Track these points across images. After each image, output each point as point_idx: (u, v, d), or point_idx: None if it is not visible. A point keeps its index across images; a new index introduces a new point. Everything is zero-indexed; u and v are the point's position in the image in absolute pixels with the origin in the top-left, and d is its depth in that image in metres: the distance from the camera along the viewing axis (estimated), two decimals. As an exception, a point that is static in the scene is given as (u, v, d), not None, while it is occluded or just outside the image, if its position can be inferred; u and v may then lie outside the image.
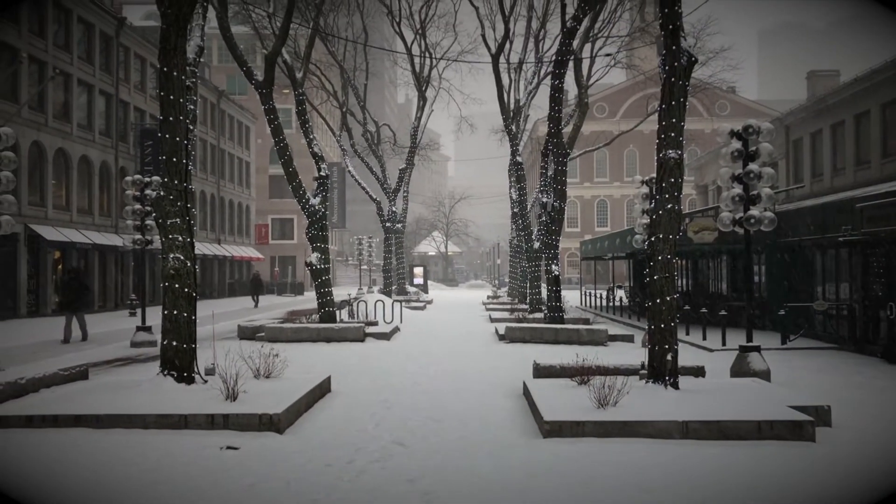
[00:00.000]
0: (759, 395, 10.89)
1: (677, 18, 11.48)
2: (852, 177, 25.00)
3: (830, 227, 19.55)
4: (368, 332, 21.97)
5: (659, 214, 11.38)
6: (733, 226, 13.65)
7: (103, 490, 7.26)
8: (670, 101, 11.41)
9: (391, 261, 44.00)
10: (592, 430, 9.30)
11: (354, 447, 8.98)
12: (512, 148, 34.07)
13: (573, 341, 20.43)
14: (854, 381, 14.22)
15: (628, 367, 12.72)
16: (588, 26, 28.46)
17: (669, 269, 11.33)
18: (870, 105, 24.01)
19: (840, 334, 19.59)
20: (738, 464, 8.16)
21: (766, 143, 13.50)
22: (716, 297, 28.26)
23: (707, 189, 44.97)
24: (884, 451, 8.80)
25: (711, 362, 15.01)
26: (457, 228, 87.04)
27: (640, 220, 19.60)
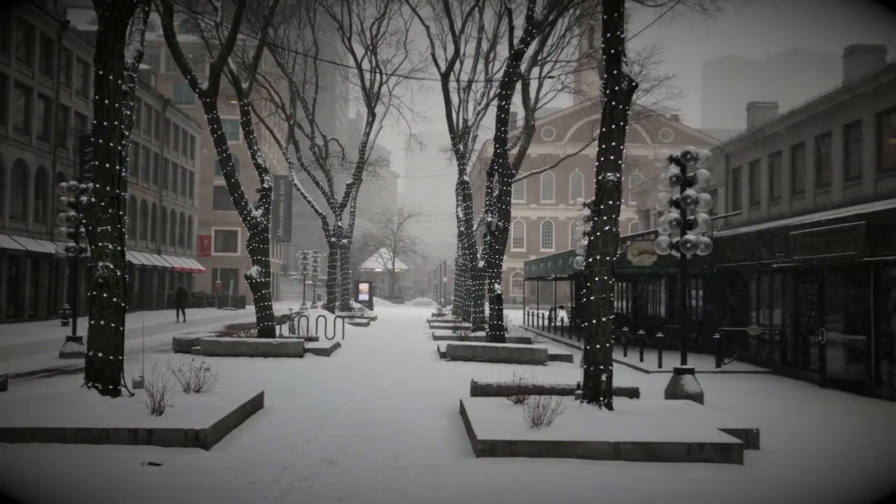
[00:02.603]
0: (690, 417, 11.02)
1: (619, 44, 11.66)
2: (788, 205, 25.73)
3: (765, 253, 20.05)
4: (308, 347, 21.64)
5: (597, 236, 11.48)
6: (670, 249, 13.86)
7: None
8: (610, 124, 11.56)
9: (336, 276, 43.60)
10: (525, 449, 9.26)
11: (283, 465, 8.76)
12: (459, 167, 34.17)
13: (513, 360, 20.45)
14: (784, 404, 14.51)
15: (564, 386, 12.76)
16: (536, 50, 28.81)
17: (606, 290, 11.42)
18: (805, 137, 24.80)
19: (772, 358, 20.03)
20: (667, 486, 8.20)
21: (704, 169, 13.78)
22: (654, 319, 28.69)
23: (649, 214, 45.82)
24: (809, 475, 8.94)
25: (647, 384, 15.17)
26: (404, 245, 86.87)
27: (581, 242, 19.79)
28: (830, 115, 23.23)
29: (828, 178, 23.39)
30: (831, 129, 23.17)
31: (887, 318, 15.59)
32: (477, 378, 13.84)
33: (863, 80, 21.59)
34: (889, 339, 15.52)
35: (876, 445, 10.78)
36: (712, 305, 24.21)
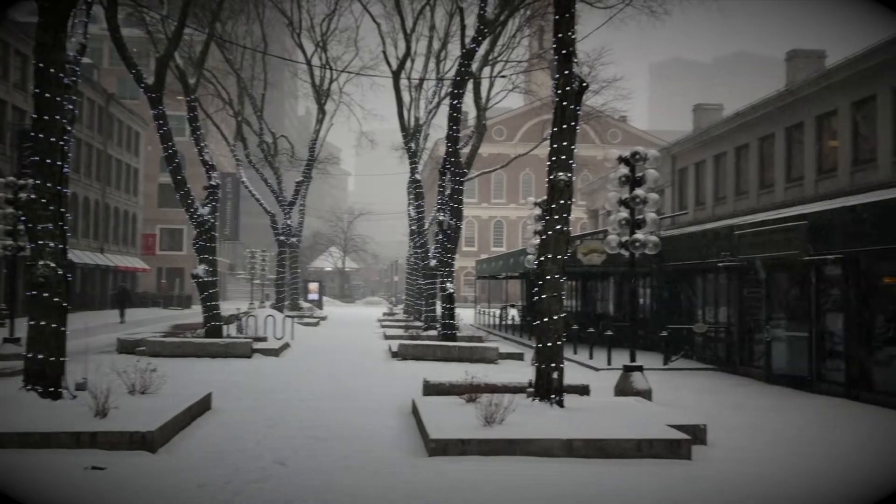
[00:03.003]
0: (640, 414, 11.17)
1: (570, 44, 11.75)
2: (732, 205, 26.29)
3: (711, 252, 20.46)
4: (256, 347, 21.34)
5: (548, 235, 11.56)
6: (620, 248, 14.03)
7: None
8: (562, 124, 11.65)
9: (285, 275, 43.11)
10: (477, 448, 9.27)
11: (232, 467, 8.61)
12: (411, 165, 34.11)
13: (465, 359, 20.48)
14: (730, 400, 14.83)
15: (516, 384, 12.82)
16: (488, 49, 28.91)
17: (557, 288, 11.50)
18: (749, 139, 25.36)
19: (718, 355, 20.45)
20: (618, 482, 8.29)
21: (652, 169, 13.98)
22: (603, 317, 29.06)
23: (597, 213, 46.39)
24: (755, 468, 9.14)
25: (597, 381, 15.34)
26: (355, 244, 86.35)
27: (532, 241, 19.93)
28: (773, 118, 23.79)
29: (771, 178, 23.97)
30: (774, 132, 23.73)
31: (828, 316, 16.04)
32: (429, 377, 13.82)
33: (804, 84, 22.16)
34: (829, 336, 15.98)
35: (817, 440, 11.07)
36: (660, 303, 24.63)
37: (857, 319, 14.97)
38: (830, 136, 21.17)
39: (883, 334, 14.72)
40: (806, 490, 8.23)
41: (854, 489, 8.32)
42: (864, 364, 14.83)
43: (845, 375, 15.13)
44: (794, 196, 22.12)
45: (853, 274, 15.07)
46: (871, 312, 14.88)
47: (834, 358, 15.79)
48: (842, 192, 19.13)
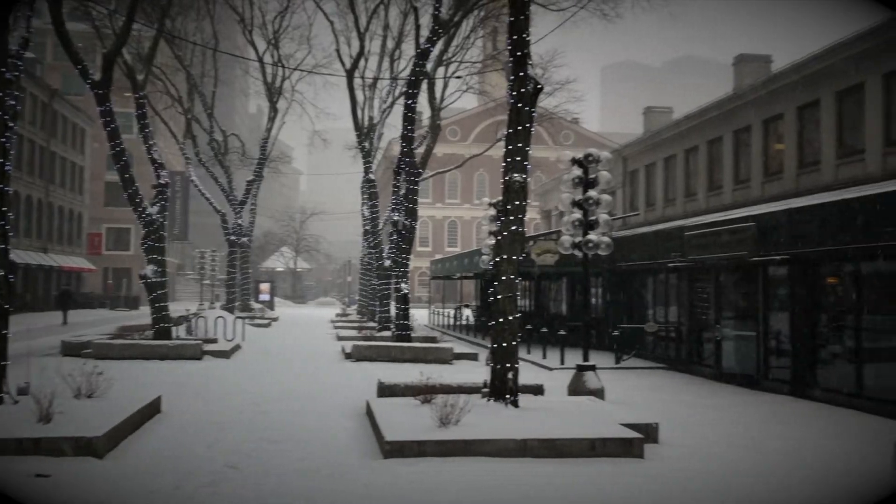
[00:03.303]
0: (593, 413, 11.27)
1: (525, 46, 11.80)
2: (682, 207, 26.75)
3: (661, 253, 20.78)
4: (207, 349, 20.99)
5: (504, 236, 11.59)
6: (573, 249, 14.15)
7: None
8: (517, 125, 11.69)
9: (235, 276, 42.50)
10: (434, 449, 9.24)
11: (183, 472, 8.42)
12: (365, 165, 33.93)
13: (420, 359, 20.44)
14: (681, 398, 15.07)
15: (471, 385, 12.83)
16: (442, 49, 28.91)
17: (513, 289, 11.55)
18: (698, 141, 25.83)
19: (669, 354, 20.78)
20: (573, 481, 8.34)
21: (605, 171, 14.13)
22: (556, 317, 29.30)
23: (550, 214, 46.78)
24: (706, 466, 9.29)
25: (550, 380, 15.44)
26: (307, 244, 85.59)
27: (487, 241, 20.00)
28: (721, 121, 24.27)
29: (719, 180, 24.44)
30: (722, 135, 24.21)
31: (775, 315, 16.42)
32: (383, 378, 13.74)
33: (751, 88, 22.65)
34: (776, 336, 16.36)
35: (766, 436, 11.31)
36: (612, 303, 24.93)
37: (802, 319, 15.34)
38: (777, 139, 21.68)
39: (826, 333, 15.12)
40: (756, 486, 8.39)
41: (804, 485, 8.51)
42: (809, 362, 15.21)
43: (791, 373, 15.50)
44: (742, 198, 22.59)
45: (798, 274, 15.44)
46: (815, 312, 15.27)
47: (780, 356, 16.17)
48: (788, 194, 19.60)
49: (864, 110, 17.79)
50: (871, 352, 13.75)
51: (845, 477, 8.86)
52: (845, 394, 13.94)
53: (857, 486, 8.40)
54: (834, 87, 18.88)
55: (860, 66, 17.90)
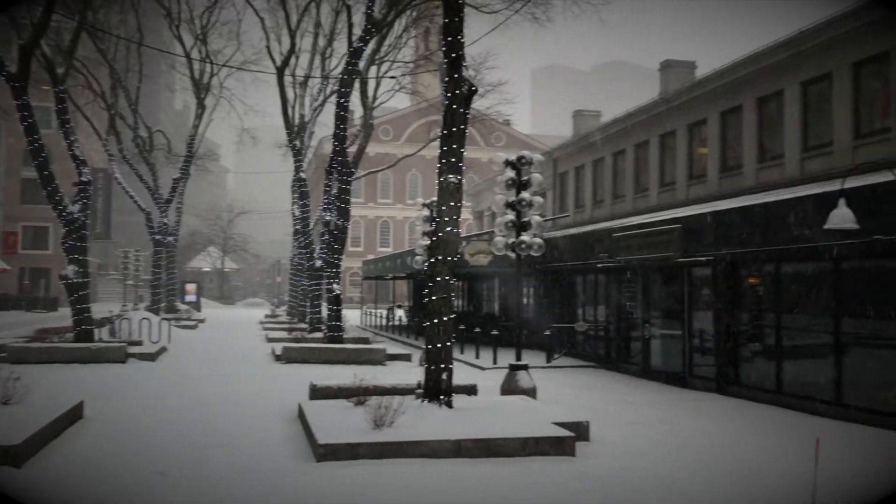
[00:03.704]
0: (526, 412, 11.39)
1: (459, 48, 11.83)
2: (610, 208, 27.32)
3: (591, 254, 21.16)
4: (131, 352, 20.39)
5: (439, 237, 11.60)
6: (506, 250, 14.27)
7: None
8: (451, 127, 11.72)
9: (161, 276, 41.37)
10: (368, 451, 9.18)
11: (107, 480, 8.15)
12: (296, 164, 33.49)
13: (352, 361, 20.30)
14: (610, 396, 15.37)
15: (405, 386, 12.80)
16: (374, 49, 28.76)
17: (447, 290, 11.57)
18: (625, 145, 26.42)
19: (598, 353, 21.17)
20: (506, 481, 8.41)
21: (537, 173, 14.30)
22: (489, 317, 29.52)
23: (483, 215, 47.11)
24: (635, 463, 9.49)
25: (484, 380, 15.54)
26: (235, 244, 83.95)
27: (421, 242, 19.98)
28: (648, 125, 24.89)
29: (646, 183, 25.05)
30: (649, 138, 24.83)
31: (699, 315, 16.91)
32: (315, 380, 13.58)
33: (676, 94, 23.30)
34: (701, 334, 16.85)
35: (692, 433, 11.63)
36: (544, 303, 25.26)
37: (725, 318, 15.84)
38: (700, 143, 22.35)
39: (748, 332, 15.66)
40: (682, 483, 8.61)
41: (728, 481, 8.77)
42: (732, 360, 15.71)
43: (715, 371, 15.99)
44: (668, 200, 23.21)
45: (722, 275, 15.94)
46: (737, 311, 15.79)
47: (705, 355, 16.66)
48: (711, 196, 20.23)
49: (783, 116, 18.51)
50: (790, 350, 14.30)
51: (769, 472, 9.17)
52: (766, 390, 14.46)
53: (781, 481, 8.70)
54: (755, 93, 19.57)
55: (779, 74, 18.61)
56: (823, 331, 13.37)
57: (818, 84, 17.50)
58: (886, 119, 15.46)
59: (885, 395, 11.87)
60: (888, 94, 15.44)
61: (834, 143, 16.76)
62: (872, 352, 12.54)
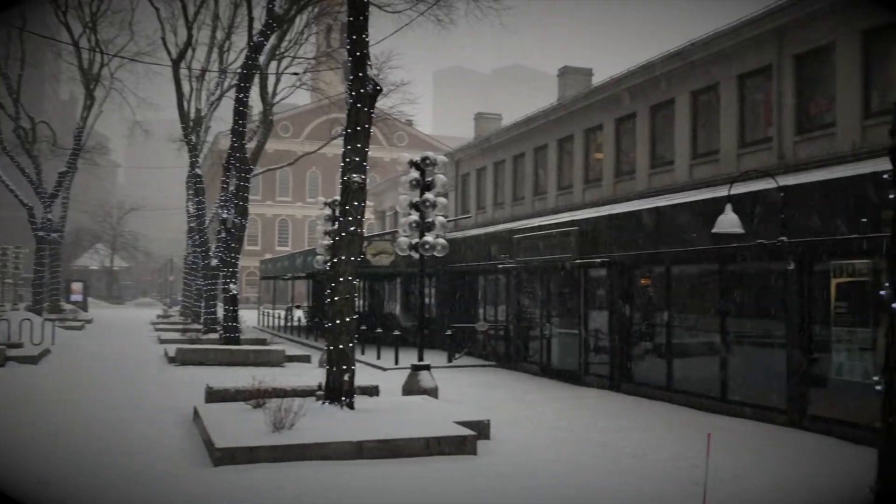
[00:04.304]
0: (428, 412, 11.45)
1: (364, 47, 11.78)
2: (510, 210, 27.78)
3: (492, 254, 21.48)
4: (10, 355, 19.25)
5: (342, 237, 11.51)
6: (410, 250, 14.30)
7: None
8: (355, 126, 11.65)
9: (44, 274, 39.26)
10: (267, 454, 9.01)
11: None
12: (191, 159, 32.51)
13: (250, 362, 19.86)
14: (510, 395, 15.65)
15: (305, 387, 12.63)
16: (275, 44, 28.25)
17: (350, 290, 11.50)
18: (525, 148, 26.94)
19: (498, 352, 21.50)
20: (408, 481, 8.43)
21: (441, 174, 14.41)
22: (391, 317, 29.49)
23: (385, 215, 47.00)
24: (535, 459, 9.70)
25: (386, 381, 15.52)
26: (125, 241, 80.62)
27: (322, 241, 19.76)
28: (547, 129, 25.45)
29: (544, 186, 25.62)
30: (547, 142, 25.40)
31: (595, 314, 17.44)
32: (212, 383, 13.24)
33: (574, 100, 23.93)
34: (596, 333, 17.38)
35: (588, 429, 11.98)
36: (445, 303, 25.45)
37: (618, 317, 16.40)
38: (596, 148, 23.03)
39: (640, 331, 16.27)
40: (578, 477, 8.86)
41: (620, 474, 9.09)
42: (624, 358, 16.29)
43: (609, 369, 16.53)
44: (565, 203, 23.81)
45: (616, 276, 16.50)
46: (630, 311, 16.38)
47: (600, 353, 17.20)
48: (606, 200, 20.89)
49: (674, 124, 19.30)
50: (679, 348, 14.95)
51: (659, 465, 9.55)
52: (657, 387, 15.06)
53: (668, 475, 9.08)
54: (647, 101, 20.33)
55: (670, 83, 19.40)
56: (710, 330, 14.05)
57: (706, 94, 18.35)
58: (769, 129, 16.38)
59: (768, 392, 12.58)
60: (770, 105, 16.37)
61: (721, 150, 17.62)
62: (755, 350, 13.27)
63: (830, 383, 11.63)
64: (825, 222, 11.40)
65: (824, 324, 11.73)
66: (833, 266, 11.67)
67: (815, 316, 11.86)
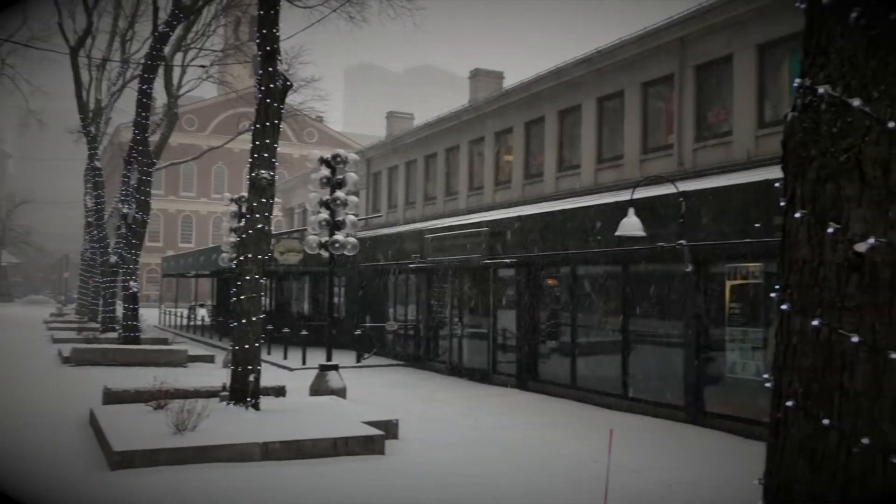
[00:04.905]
0: (335, 412, 11.36)
1: (274, 41, 11.59)
2: (421, 210, 27.87)
3: (403, 254, 21.48)
4: None
5: (249, 234, 11.28)
6: (320, 249, 14.15)
7: None
8: (265, 121, 11.44)
9: (-75, 270, 36.86)
10: (168, 457, 8.73)
11: None
12: (90, 151, 31.17)
13: (151, 363, 19.20)
14: (419, 394, 15.69)
15: (209, 388, 12.34)
16: (181, 35, 27.40)
17: (257, 289, 11.28)
18: (437, 148, 27.08)
19: (408, 352, 21.53)
20: (315, 482, 8.34)
21: (352, 172, 14.32)
22: (299, 316, 29.09)
23: (294, 212, 46.33)
24: (441, 458, 9.76)
25: (293, 381, 15.30)
26: (16, 235, 76.46)
27: (228, 238, 19.31)
28: (458, 130, 25.67)
29: (456, 187, 25.83)
30: (459, 143, 25.61)
31: (504, 314, 17.69)
32: (110, 384, 12.74)
33: (485, 102, 24.23)
34: (504, 332, 17.63)
35: (495, 427, 12.14)
36: (355, 303, 25.29)
37: (526, 317, 16.69)
38: (507, 151, 23.38)
39: (546, 330, 16.61)
40: (484, 474, 8.97)
41: (526, 471, 9.25)
42: (531, 357, 16.59)
43: (517, 367, 16.80)
44: (476, 203, 24.08)
45: (524, 276, 16.78)
46: (537, 311, 16.70)
47: (507, 352, 17.46)
48: (515, 202, 21.24)
49: (580, 129, 19.80)
50: (583, 346, 15.33)
51: (562, 462, 9.78)
52: (562, 385, 15.40)
53: (572, 471, 9.31)
54: (556, 106, 20.78)
55: (577, 89, 19.90)
56: (613, 329, 14.48)
57: (612, 101, 18.91)
58: (670, 136, 17.02)
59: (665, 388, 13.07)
60: (671, 113, 17.01)
61: (625, 156, 18.19)
62: (656, 349, 13.75)
63: (725, 381, 12.17)
64: (721, 227, 11.93)
65: (719, 324, 12.27)
66: (728, 269, 12.22)
67: (711, 316, 12.39)
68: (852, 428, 2.71)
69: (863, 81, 2.75)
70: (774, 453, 2.89)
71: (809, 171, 2.83)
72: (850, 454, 2.70)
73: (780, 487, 2.84)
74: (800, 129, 2.87)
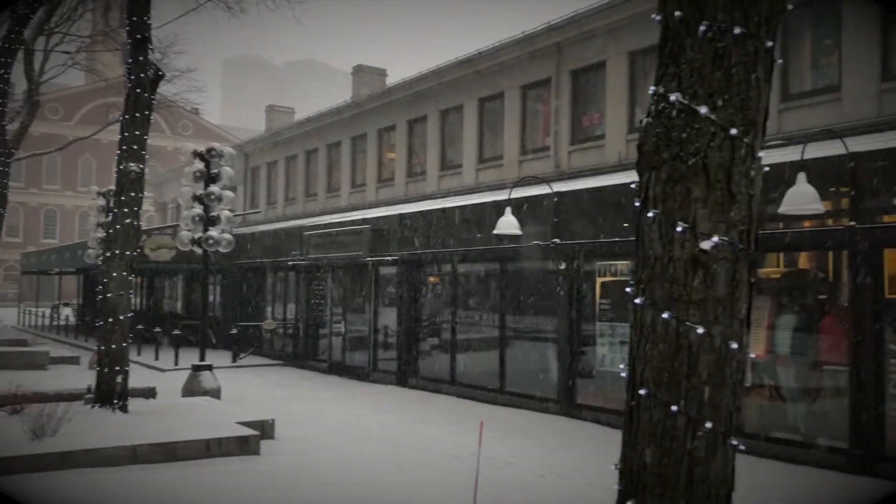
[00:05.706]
0: (209, 413, 11.05)
1: (145, 29, 11.14)
2: (302, 206, 27.47)
3: (282, 251, 21.12)
4: None
5: (116, 230, 10.80)
6: (193, 245, 13.71)
7: None
8: (134, 112, 10.98)
9: None
10: (27, 464, 8.24)
11: None
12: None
13: (7, 365, 17.97)
14: (296, 393, 15.49)
15: (72, 391, 11.75)
16: (44, 18, 25.80)
17: (125, 286, 10.81)
18: (318, 144, 26.77)
19: (286, 351, 21.19)
20: (187, 484, 8.10)
21: (228, 167, 13.95)
22: (171, 315, 28.05)
23: (166, 207, 44.63)
24: (318, 456, 9.68)
25: (164, 382, 14.77)
26: None
27: (95, 234, 18.40)
28: (341, 126, 25.48)
29: (337, 183, 25.62)
30: (342, 140, 25.43)
31: (385, 311, 17.73)
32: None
33: (368, 98, 24.17)
34: (385, 330, 17.67)
35: (373, 425, 12.17)
36: (231, 301, 24.64)
37: (406, 314, 16.80)
38: (389, 148, 23.42)
39: (426, 327, 16.77)
40: (360, 472, 8.98)
41: (407, 466, 9.33)
42: (411, 354, 16.71)
43: (397, 365, 16.87)
44: (358, 201, 23.99)
45: (405, 274, 16.88)
46: (418, 308, 16.84)
47: (388, 349, 17.51)
48: (398, 200, 21.31)
49: (462, 129, 20.10)
50: (463, 343, 15.59)
51: (439, 456, 9.92)
52: (442, 381, 15.60)
53: (447, 464, 9.47)
54: (438, 105, 21.00)
55: (459, 89, 20.18)
56: (491, 326, 14.80)
57: (492, 102, 19.30)
58: (546, 139, 17.55)
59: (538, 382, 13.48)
60: (549, 116, 17.55)
61: (504, 156, 18.60)
62: (531, 344, 14.16)
63: (595, 374, 12.69)
64: (592, 226, 12.43)
65: (590, 320, 12.78)
66: (598, 266, 12.75)
67: (583, 312, 12.89)
68: (697, 413, 2.91)
69: (709, 91, 2.96)
70: (629, 439, 3.06)
71: (661, 173, 3.01)
72: (695, 437, 2.91)
73: (633, 471, 3.02)
74: (653, 133, 3.06)
